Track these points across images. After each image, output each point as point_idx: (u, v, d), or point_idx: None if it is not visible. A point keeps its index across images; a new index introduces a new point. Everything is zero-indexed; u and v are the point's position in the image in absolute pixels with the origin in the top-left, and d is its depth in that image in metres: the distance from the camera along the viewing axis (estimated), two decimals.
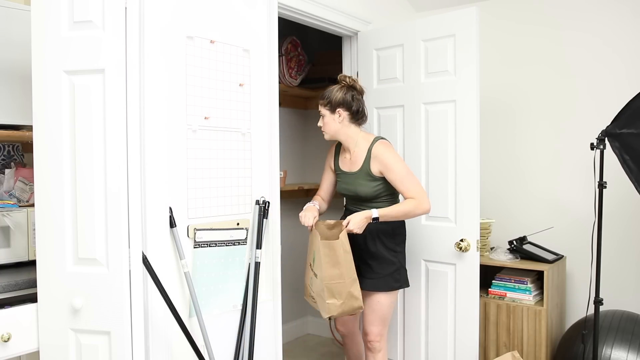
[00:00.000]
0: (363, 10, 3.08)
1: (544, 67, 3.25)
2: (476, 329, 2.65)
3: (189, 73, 1.91)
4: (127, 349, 1.62)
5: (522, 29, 3.32)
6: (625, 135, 2.38)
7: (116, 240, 1.62)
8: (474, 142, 2.61)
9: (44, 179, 1.65)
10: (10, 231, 1.86)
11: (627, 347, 2.55)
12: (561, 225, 3.22)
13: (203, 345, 1.95)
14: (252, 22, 2.13)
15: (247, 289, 2.11)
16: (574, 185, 3.18)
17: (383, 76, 2.95)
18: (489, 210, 3.45)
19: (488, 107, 3.45)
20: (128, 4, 1.62)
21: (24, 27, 2.02)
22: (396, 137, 2.90)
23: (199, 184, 1.95)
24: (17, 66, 2.01)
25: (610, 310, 2.85)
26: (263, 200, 2.16)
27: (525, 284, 2.90)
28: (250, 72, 2.13)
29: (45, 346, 1.67)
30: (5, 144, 2.19)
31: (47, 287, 1.66)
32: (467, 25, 2.60)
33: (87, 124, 1.62)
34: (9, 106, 1.98)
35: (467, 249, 2.62)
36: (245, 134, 2.12)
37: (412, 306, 2.86)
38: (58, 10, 1.62)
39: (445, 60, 2.69)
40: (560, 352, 2.83)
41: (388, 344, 2.97)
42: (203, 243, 1.97)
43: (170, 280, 1.86)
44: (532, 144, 3.31)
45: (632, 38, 2.97)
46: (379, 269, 2.44)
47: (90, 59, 1.61)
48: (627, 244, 3.02)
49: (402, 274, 2.49)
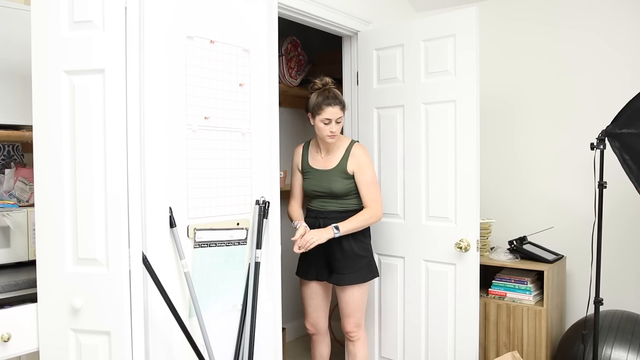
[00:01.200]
0: (363, 10, 3.08)
1: (544, 67, 3.25)
2: (476, 329, 2.65)
3: (189, 73, 1.91)
4: (127, 349, 1.62)
5: (523, 29, 3.32)
6: (625, 135, 2.38)
7: (116, 240, 1.62)
8: (474, 142, 2.61)
9: (44, 179, 1.65)
10: (10, 231, 1.86)
11: (627, 347, 2.55)
12: (561, 225, 3.22)
13: (203, 345, 1.95)
14: (252, 22, 2.13)
15: (247, 289, 2.11)
16: (574, 185, 3.17)
17: (383, 76, 2.95)
18: (489, 210, 3.45)
19: (488, 107, 3.45)
20: (128, 4, 1.62)
21: (24, 27, 2.02)
22: (396, 137, 2.90)
23: (199, 184, 1.95)
24: (17, 66, 2.01)
25: (610, 310, 2.85)
26: (263, 200, 2.16)
27: (525, 284, 2.90)
28: (250, 72, 2.13)
29: (45, 346, 1.67)
30: (5, 144, 2.19)
31: (47, 287, 1.66)
32: (467, 25, 2.60)
33: (87, 123, 1.62)
34: (9, 106, 1.98)
35: (467, 249, 2.62)
36: (245, 134, 2.11)
37: (412, 306, 2.86)
38: (58, 10, 1.62)
39: (445, 60, 2.69)
40: (560, 352, 2.83)
41: (388, 344, 2.98)
42: (203, 243, 1.97)
43: (170, 280, 1.86)
44: (532, 144, 3.31)
45: (633, 37, 2.97)
46: (352, 263, 2.56)
47: (90, 59, 1.61)
48: (627, 244, 3.02)
49: (373, 264, 2.65)
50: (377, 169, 2.99)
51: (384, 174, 2.96)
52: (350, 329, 2.62)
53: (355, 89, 3.10)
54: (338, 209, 2.58)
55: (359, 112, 3.07)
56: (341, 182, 2.55)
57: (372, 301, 3.03)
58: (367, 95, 3.02)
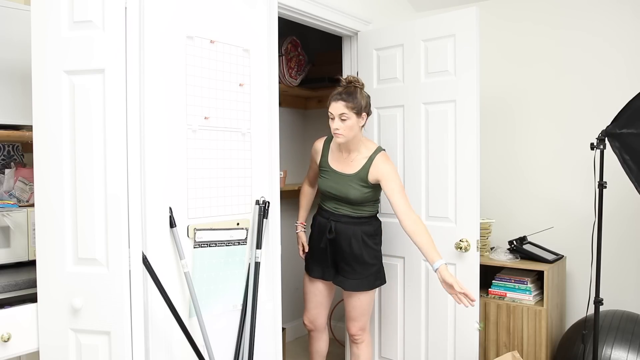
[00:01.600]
0: (363, 10, 3.08)
1: (544, 67, 3.25)
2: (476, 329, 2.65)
3: (189, 73, 1.91)
4: (127, 349, 1.62)
5: (523, 29, 3.32)
6: (625, 135, 2.38)
7: (116, 240, 1.62)
8: (474, 142, 2.61)
9: (44, 179, 1.65)
10: (10, 231, 1.86)
11: (627, 347, 2.55)
12: (561, 225, 3.22)
13: (203, 345, 1.95)
14: (252, 22, 2.13)
15: (247, 289, 2.11)
16: (574, 185, 3.18)
17: (383, 76, 2.95)
18: (489, 210, 3.45)
19: (488, 107, 3.45)
20: (128, 4, 1.62)
21: (24, 27, 2.02)
22: (396, 137, 2.90)
23: (199, 184, 1.95)
24: (17, 66, 2.01)
25: (610, 310, 2.85)
26: (263, 200, 2.16)
27: (525, 284, 2.90)
28: (250, 72, 2.13)
29: (45, 346, 1.67)
30: (5, 144, 2.19)
31: (47, 287, 1.66)
32: (467, 25, 2.60)
33: (87, 123, 1.62)
34: (9, 106, 1.98)
35: (467, 249, 2.62)
36: (245, 134, 2.11)
37: (412, 306, 2.86)
38: (58, 10, 1.62)
39: (445, 60, 2.69)
40: (560, 352, 2.83)
41: (388, 344, 2.98)
42: (203, 243, 1.97)
43: (170, 280, 1.86)
44: (533, 144, 3.31)
45: (633, 37, 2.97)
46: (361, 269, 2.52)
47: (90, 59, 1.61)
48: (627, 244, 3.02)
49: (382, 272, 2.60)
50: None
51: None
52: (355, 332, 2.61)
53: None
54: (351, 214, 2.52)
55: None
56: (359, 190, 2.47)
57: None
58: None
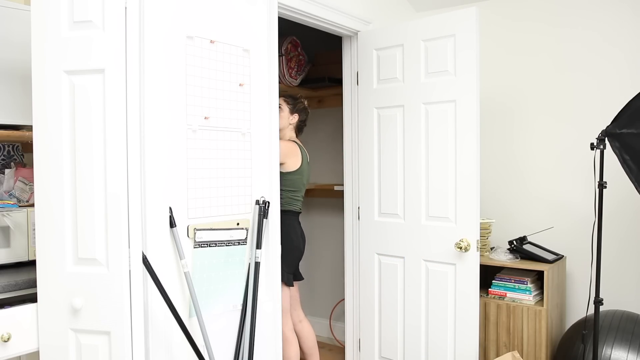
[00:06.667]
0: (363, 10, 3.08)
1: (545, 66, 3.25)
2: (476, 329, 2.65)
3: (189, 73, 1.91)
4: (127, 349, 1.62)
5: (523, 28, 3.32)
6: (625, 135, 2.38)
7: (116, 240, 1.62)
8: (474, 142, 2.61)
9: (44, 179, 1.65)
10: (10, 231, 1.86)
11: (627, 347, 2.55)
12: (561, 225, 3.22)
13: (203, 345, 1.95)
14: (252, 22, 2.13)
15: (247, 289, 2.11)
16: (574, 185, 3.18)
17: (383, 76, 2.95)
18: (489, 210, 3.45)
19: (488, 106, 3.45)
20: (128, 4, 1.62)
21: (24, 27, 2.02)
22: (396, 137, 2.90)
23: (199, 184, 1.95)
24: (17, 66, 2.01)
25: (610, 310, 2.85)
26: (263, 200, 2.16)
27: (525, 284, 2.90)
28: (250, 72, 2.13)
29: (45, 346, 1.67)
30: (5, 144, 2.19)
31: (47, 287, 1.66)
32: (467, 25, 2.60)
33: (87, 123, 1.62)
34: (9, 106, 1.98)
35: (467, 248, 2.62)
36: (245, 134, 2.12)
37: (412, 306, 2.86)
38: (58, 10, 1.62)
39: (445, 60, 2.69)
40: (560, 352, 2.83)
41: (388, 344, 2.99)
42: (203, 243, 1.97)
43: (170, 280, 1.86)
44: (532, 144, 3.31)
45: (633, 35, 2.97)
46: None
47: (90, 59, 1.61)
48: (627, 244, 3.02)
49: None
50: (377, 169, 2.99)
51: (384, 173, 2.96)
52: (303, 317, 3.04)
53: (355, 89, 3.10)
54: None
55: (359, 112, 3.07)
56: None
57: (372, 301, 3.03)
58: (367, 95, 3.02)
